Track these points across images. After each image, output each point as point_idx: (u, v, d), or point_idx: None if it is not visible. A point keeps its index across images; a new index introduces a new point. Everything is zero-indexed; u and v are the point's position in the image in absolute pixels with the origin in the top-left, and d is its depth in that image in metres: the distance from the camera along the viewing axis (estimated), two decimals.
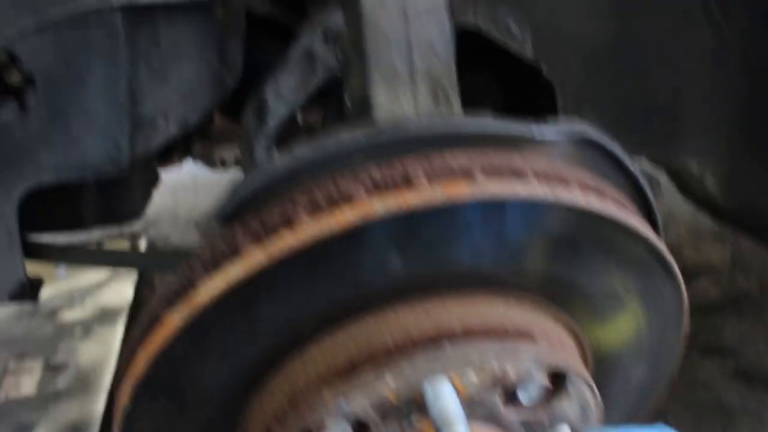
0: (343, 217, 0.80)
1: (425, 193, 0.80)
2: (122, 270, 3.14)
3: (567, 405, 0.93)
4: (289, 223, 0.81)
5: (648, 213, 0.99)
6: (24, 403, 2.41)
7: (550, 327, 0.95)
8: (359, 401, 0.84)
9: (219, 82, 1.45)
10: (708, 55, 1.41)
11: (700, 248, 3.06)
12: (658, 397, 1.12)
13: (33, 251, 1.69)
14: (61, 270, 3.15)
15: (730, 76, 1.43)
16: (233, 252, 0.83)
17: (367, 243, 0.82)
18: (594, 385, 0.93)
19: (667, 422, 2.05)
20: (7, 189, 1.35)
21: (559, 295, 0.93)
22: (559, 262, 0.90)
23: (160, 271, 1.83)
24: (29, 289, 1.56)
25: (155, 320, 0.86)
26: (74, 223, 1.82)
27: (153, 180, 2.10)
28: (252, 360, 0.88)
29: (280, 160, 0.86)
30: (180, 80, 1.42)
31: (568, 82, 1.36)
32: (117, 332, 2.71)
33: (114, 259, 1.76)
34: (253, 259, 0.81)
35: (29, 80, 1.29)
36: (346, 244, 0.81)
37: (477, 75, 1.45)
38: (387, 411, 0.85)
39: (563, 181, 0.86)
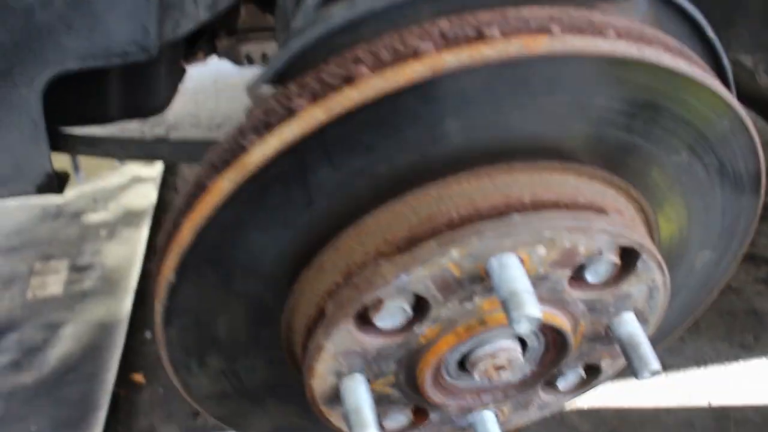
0: (412, 71, 0.72)
1: (501, 46, 0.73)
2: (144, 174, 3.10)
3: (635, 286, 0.88)
4: (349, 79, 0.74)
5: (726, 87, 0.92)
6: (51, 302, 2.40)
7: (623, 204, 0.89)
8: (421, 275, 0.79)
9: None
10: None
11: None
12: (722, 282, 1.07)
13: (59, 143, 1.65)
14: (81, 174, 3.11)
15: None
16: (288, 111, 0.76)
17: (435, 102, 0.75)
18: (665, 266, 0.88)
19: (699, 328, 2.02)
20: (30, 76, 1.29)
21: (634, 169, 0.87)
22: (637, 131, 0.83)
23: (191, 162, 1.77)
24: (56, 182, 1.52)
25: (202, 186, 0.80)
26: (99, 116, 1.77)
27: (179, 73, 2.03)
28: (305, 231, 0.82)
29: (338, 12, 0.78)
30: None
31: None
32: (142, 234, 2.68)
33: (145, 150, 1.71)
34: (310, 116, 0.74)
35: None
36: (413, 101, 0.74)
37: None
38: (449, 286, 0.81)
39: (646, 39, 0.78)
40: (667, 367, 2.00)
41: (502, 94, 0.76)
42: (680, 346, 2.04)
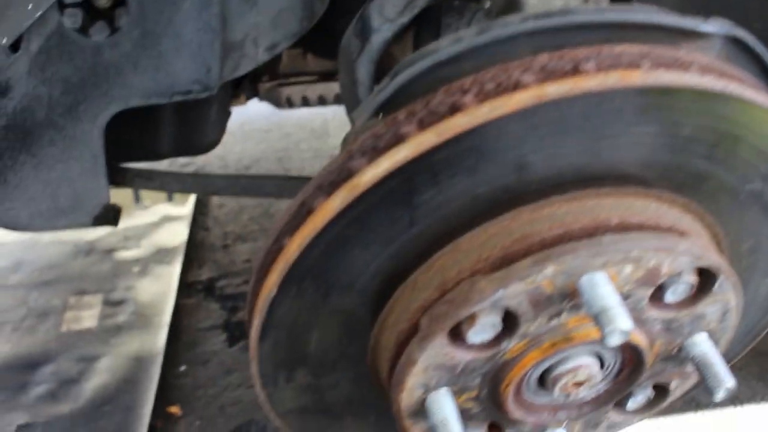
0: (517, 100, 0.79)
1: (599, 78, 0.79)
2: (175, 213, 3.15)
3: (710, 307, 0.93)
4: (456, 107, 0.80)
5: None
6: (86, 335, 2.43)
7: (699, 229, 0.94)
8: (517, 290, 0.84)
9: (309, 7, 1.43)
10: None
11: None
12: None
13: (117, 176, 1.70)
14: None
15: None
16: (396, 136, 0.82)
17: (535, 130, 0.81)
18: (741, 288, 0.93)
19: (733, 367, 2.04)
20: (94, 112, 1.35)
21: (711, 195, 0.93)
22: (717, 160, 0.89)
23: (246, 195, 1.83)
24: (112, 214, 1.57)
25: (306, 206, 0.86)
26: (151, 152, 1.82)
27: (227, 114, 2.10)
28: (404, 249, 0.88)
29: (444, 47, 0.84)
30: (271, 5, 1.41)
31: None
32: (174, 270, 2.71)
33: (200, 184, 1.76)
34: (420, 141, 0.80)
35: (121, 1, 1.27)
36: (516, 129, 0.81)
37: None
38: (540, 302, 0.86)
39: (728, 75, 0.85)
40: (701, 406, 2.03)
41: (596, 124, 0.82)
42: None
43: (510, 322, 0.88)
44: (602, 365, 0.97)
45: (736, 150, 0.88)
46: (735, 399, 2.02)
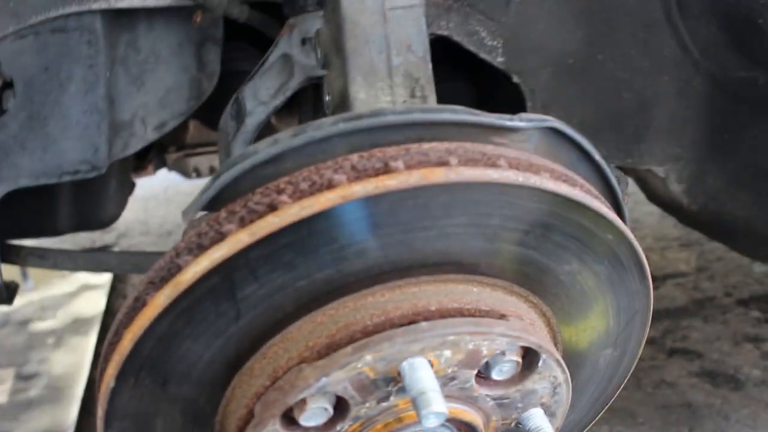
0: (325, 200, 0.83)
1: (402, 177, 0.84)
2: (94, 281, 3.14)
3: (538, 383, 0.97)
4: (273, 206, 0.84)
5: (615, 206, 1.04)
6: None
7: (524, 310, 0.99)
8: (339, 377, 0.87)
9: (196, 87, 1.47)
10: (672, 62, 1.47)
11: (666, 255, 3.13)
12: (625, 377, 1.17)
13: (10, 255, 1.70)
14: (30, 282, 3.14)
15: (693, 83, 1.49)
16: (218, 234, 0.85)
17: (347, 226, 0.85)
18: (564, 364, 0.97)
19: (637, 422, 2.09)
20: None
21: (533, 278, 0.97)
22: (531, 246, 0.94)
23: (139, 272, 1.83)
24: (5, 293, 1.56)
25: (141, 301, 0.89)
26: (49, 228, 1.83)
27: (128, 187, 2.12)
28: (235, 340, 0.91)
29: (263, 149, 0.89)
30: (158, 85, 1.45)
31: (537, 89, 1.42)
32: (90, 341, 2.70)
33: (93, 262, 1.77)
34: (237, 240, 0.84)
35: (8, 84, 1.30)
36: (327, 226, 0.85)
37: (450, 81, 1.49)
38: (365, 387, 0.89)
39: (534, 168, 0.90)
40: None
41: (406, 218, 0.87)
42: None
43: (341, 405, 0.91)
44: None
45: (547, 236, 0.93)
46: None
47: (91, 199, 1.88)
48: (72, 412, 2.37)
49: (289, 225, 0.83)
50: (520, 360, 0.95)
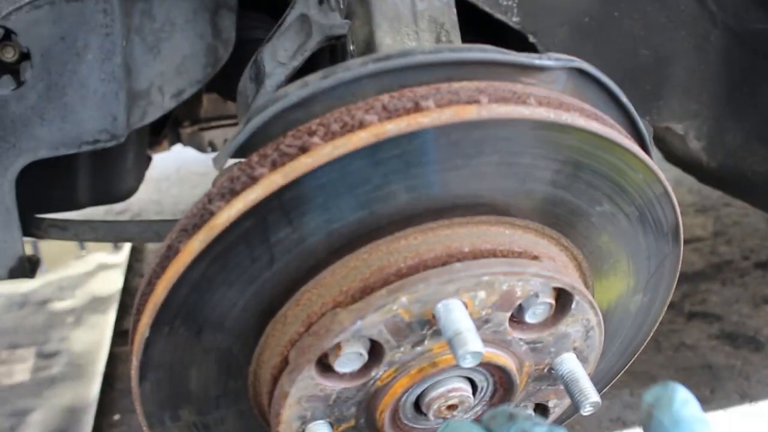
0: (358, 139, 0.83)
1: (434, 114, 0.83)
2: (110, 261, 3.15)
3: (572, 326, 0.97)
4: (304, 148, 0.84)
5: (643, 148, 1.03)
6: (18, 389, 2.42)
7: (555, 252, 0.98)
8: (374, 320, 0.87)
9: (213, 54, 1.47)
10: (689, 17, 1.46)
11: (683, 221, 3.12)
12: (654, 323, 1.16)
13: (31, 228, 1.71)
14: (44, 265, 3.16)
15: (711, 37, 1.48)
16: (251, 178, 0.85)
17: (380, 166, 0.85)
18: (598, 307, 0.97)
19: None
20: (4, 165, 1.36)
21: (563, 219, 0.97)
22: (562, 185, 0.93)
23: (159, 241, 1.84)
24: (28, 266, 1.57)
25: (174, 249, 0.88)
26: (68, 202, 1.83)
27: (145, 160, 2.12)
28: (269, 286, 0.90)
29: (292, 91, 0.88)
30: (174, 53, 1.44)
31: (553, 49, 1.41)
32: (109, 319, 2.72)
33: (114, 231, 1.77)
34: (270, 182, 0.83)
35: (25, 55, 1.30)
36: (360, 166, 0.84)
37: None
38: (400, 330, 0.89)
39: (564, 106, 0.90)
40: (628, 423, 2.08)
41: (438, 157, 0.86)
42: (640, 402, 2.12)
43: (376, 350, 0.91)
44: (475, 388, 1.00)
45: (579, 175, 0.93)
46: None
47: (110, 171, 1.88)
48: (94, 387, 2.39)
49: (322, 165, 0.83)
50: (553, 302, 0.95)
